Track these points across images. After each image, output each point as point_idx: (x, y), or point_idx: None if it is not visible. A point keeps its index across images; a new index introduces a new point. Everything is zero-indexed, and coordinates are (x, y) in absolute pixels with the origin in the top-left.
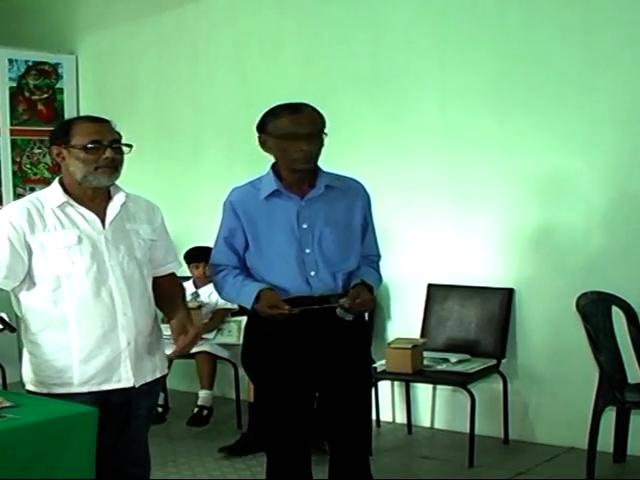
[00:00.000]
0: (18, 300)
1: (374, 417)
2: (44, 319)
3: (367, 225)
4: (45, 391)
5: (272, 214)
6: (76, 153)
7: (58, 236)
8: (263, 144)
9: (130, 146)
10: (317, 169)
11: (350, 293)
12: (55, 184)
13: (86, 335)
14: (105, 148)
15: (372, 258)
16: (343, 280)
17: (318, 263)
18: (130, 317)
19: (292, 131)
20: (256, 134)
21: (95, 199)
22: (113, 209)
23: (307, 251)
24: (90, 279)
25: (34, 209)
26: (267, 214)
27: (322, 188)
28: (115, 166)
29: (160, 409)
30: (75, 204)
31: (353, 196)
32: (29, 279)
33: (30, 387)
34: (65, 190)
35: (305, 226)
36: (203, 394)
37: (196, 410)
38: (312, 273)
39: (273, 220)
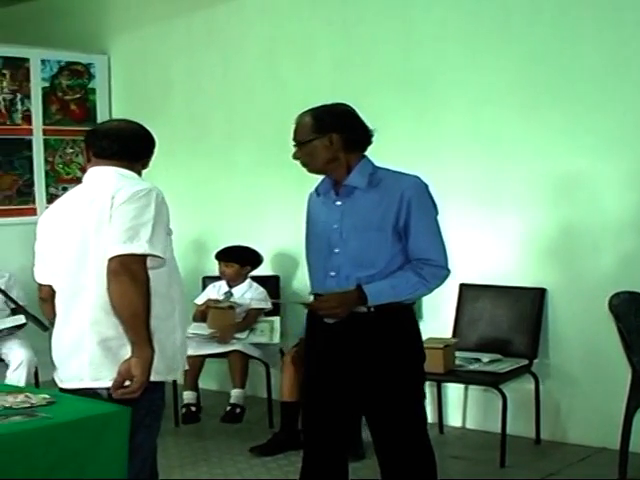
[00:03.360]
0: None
1: None
2: (160, 304)
3: (408, 226)
4: (159, 379)
5: (316, 211)
6: (140, 168)
7: None
8: None
9: None
10: (350, 170)
11: (323, 296)
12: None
13: (182, 321)
14: None
15: (422, 262)
16: (359, 283)
17: (342, 264)
18: None
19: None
20: None
21: None
22: None
23: (336, 251)
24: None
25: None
26: (313, 211)
27: (352, 190)
28: None
29: (194, 408)
30: None
31: (390, 197)
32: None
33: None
34: None
35: (335, 226)
36: (235, 393)
37: (228, 409)
38: (332, 273)
39: (315, 218)
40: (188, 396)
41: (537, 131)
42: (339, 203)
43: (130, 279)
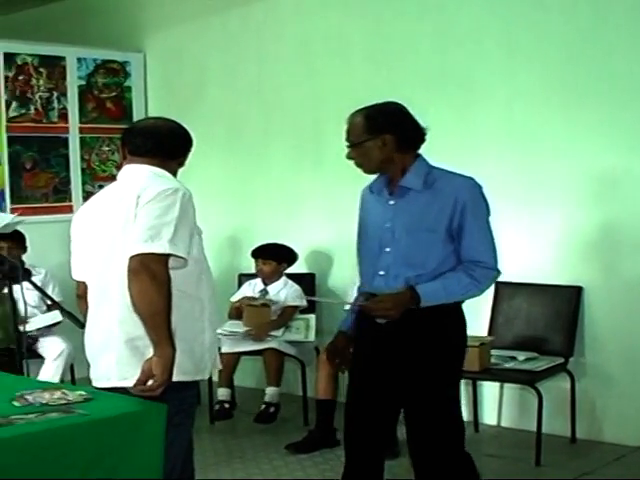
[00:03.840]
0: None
1: None
2: (189, 304)
3: (461, 228)
4: (187, 379)
5: (368, 209)
6: (176, 167)
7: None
8: None
9: None
10: (404, 170)
11: (377, 297)
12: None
13: (212, 322)
14: None
15: (474, 264)
16: (408, 283)
17: (392, 263)
18: None
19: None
20: None
21: None
22: None
23: (387, 250)
24: (208, 271)
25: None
26: (366, 208)
27: (406, 191)
28: None
29: (227, 405)
30: None
31: (444, 199)
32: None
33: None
34: None
35: (388, 225)
36: (270, 391)
37: (263, 407)
38: (381, 272)
39: (368, 215)
40: (222, 393)
41: (574, 128)
42: (392, 202)
43: (150, 278)
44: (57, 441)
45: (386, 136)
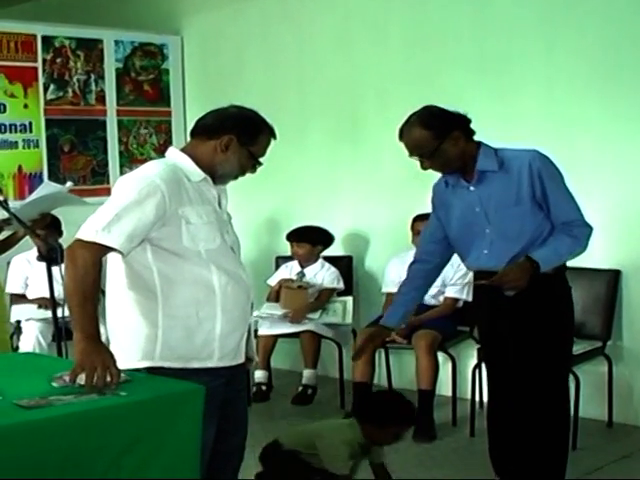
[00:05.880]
0: (151, 271)
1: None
2: (189, 291)
3: (545, 195)
4: (180, 366)
5: (449, 201)
6: (244, 155)
7: (201, 211)
8: None
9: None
10: (474, 159)
11: (500, 271)
12: (187, 159)
13: (231, 309)
14: (259, 165)
15: (571, 223)
16: (514, 256)
17: (493, 240)
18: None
19: None
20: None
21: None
22: (224, 192)
23: (487, 231)
24: (229, 257)
25: (179, 180)
26: (446, 201)
27: (484, 174)
28: None
29: (264, 387)
30: (210, 182)
31: (517, 173)
32: (172, 252)
33: (159, 363)
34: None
35: (477, 209)
36: (307, 373)
37: (300, 389)
38: (485, 251)
39: (452, 206)
40: (259, 375)
41: (612, 113)
42: (473, 189)
43: (69, 261)
44: (95, 422)
45: (454, 132)
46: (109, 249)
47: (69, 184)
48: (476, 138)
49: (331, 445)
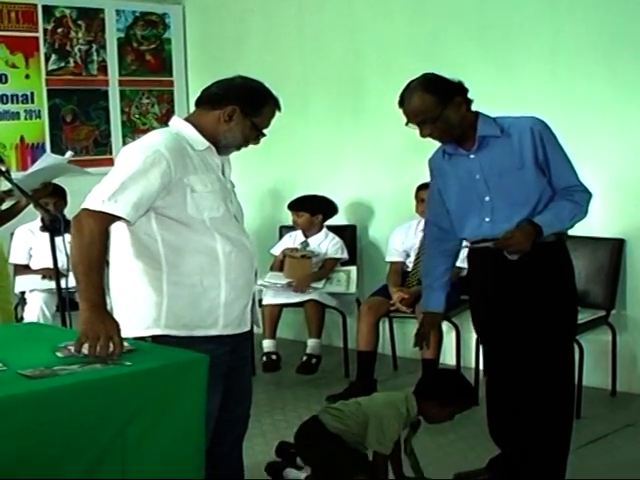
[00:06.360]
0: (156, 240)
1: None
2: (194, 260)
3: (547, 160)
4: (185, 334)
5: (447, 171)
6: (247, 126)
7: (205, 179)
8: None
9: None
10: (475, 126)
11: (503, 233)
12: (191, 128)
13: (235, 277)
14: (262, 137)
15: (572, 189)
16: (521, 222)
17: (495, 207)
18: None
19: None
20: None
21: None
22: (227, 161)
23: (486, 199)
24: (233, 225)
25: (183, 149)
26: (445, 171)
27: (485, 140)
28: None
29: (274, 357)
30: (214, 151)
31: (521, 137)
32: (176, 221)
33: (164, 331)
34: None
35: (478, 176)
36: (312, 342)
37: (305, 358)
38: (487, 219)
39: (451, 176)
40: (268, 345)
41: (620, 80)
42: (473, 156)
43: (76, 231)
44: (100, 392)
45: (457, 98)
46: (116, 218)
47: (69, 154)
48: (479, 108)
49: (384, 424)
